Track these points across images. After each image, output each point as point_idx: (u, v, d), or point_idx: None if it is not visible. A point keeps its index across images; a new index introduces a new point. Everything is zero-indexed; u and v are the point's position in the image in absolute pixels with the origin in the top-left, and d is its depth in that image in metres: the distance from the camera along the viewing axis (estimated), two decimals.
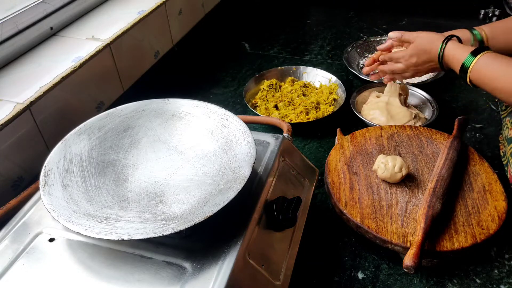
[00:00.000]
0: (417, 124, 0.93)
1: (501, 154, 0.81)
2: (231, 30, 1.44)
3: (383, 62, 0.94)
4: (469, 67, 0.75)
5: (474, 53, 0.75)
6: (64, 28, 0.96)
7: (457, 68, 0.78)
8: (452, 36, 0.82)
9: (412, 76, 0.90)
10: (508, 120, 0.81)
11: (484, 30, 0.85)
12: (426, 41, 0.84)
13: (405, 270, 0.60)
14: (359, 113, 0.97)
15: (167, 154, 0.62)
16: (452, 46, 0.80)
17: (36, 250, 0.52)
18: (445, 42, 0.80)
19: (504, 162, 0.79)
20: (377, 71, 0.97)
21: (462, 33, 0.86)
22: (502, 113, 0.87)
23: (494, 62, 0.73)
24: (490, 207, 0.70)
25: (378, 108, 0.96)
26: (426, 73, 0.89)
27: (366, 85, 1.06)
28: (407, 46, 0.87)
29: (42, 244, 0.52)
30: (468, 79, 0.76)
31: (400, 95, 0.99)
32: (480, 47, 0.78)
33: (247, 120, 0.69)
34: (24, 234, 0.54)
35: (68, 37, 0.93)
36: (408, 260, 0.60)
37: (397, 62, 0.89)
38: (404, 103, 0.99)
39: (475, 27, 0.87)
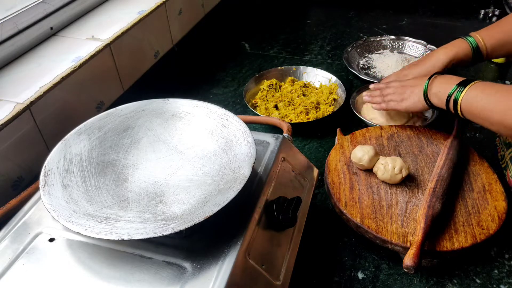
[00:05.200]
0: (417, 124, 0.93)
1: (499, 157, 0.81)
2: (231, 30, 1.44)
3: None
4: (458, 99, 0.72)
5: (463, 84, 0.72)
6: (64, 28, 0.96)
7: (443, 100, 0.76)
8: (437, 73, 0.80)
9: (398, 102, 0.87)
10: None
11: (480, 38, 0.84)
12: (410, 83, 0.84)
13: (405, 270, 0.60)
14: (359, 113, 0.97)
15: (167, 154, 0.62)
16: (437, 79, 0.78)
17: (36, 250, 0.52)
18: (430, 78, 0.79)
19: (503, 166, 0.79)
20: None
21: (460, 43, 0.86)
22: None
23: (483, 93, 0.70)
24: (490, 207, 0.70)
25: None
26: (407, 96, 0.85)
27: (367, 84, 1.06)
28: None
29: (42, 244, 0.52)
30: (460, 112, 0.73)
31: None
32: (467, 79, 0.74)
33: (247, 120, 0.69)
34: (24, 234, 0.54)
35: (68, 37, 0.93)
36: (408, 260, 0.60)
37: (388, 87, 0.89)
38: None
39: (471, 34, 0.86)
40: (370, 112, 0.97)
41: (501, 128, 0.67)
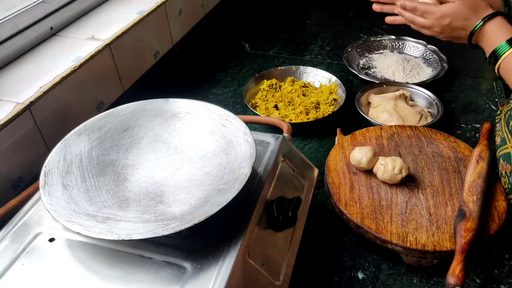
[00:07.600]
0: (427, 121, 0.94)
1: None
2: (231, 30, 1.44)
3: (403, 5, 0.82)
4: (501, 56, 0.69)
5: (511, 42, 0.69)
6: (64, 28, 0.96)
7: (487, 51, 0.72)
8: (499, 13, 0.73)
9: (430, 35, 0.81)
10: (498, 127, 0.81)
11: None
12: (470, 7, 0.74)
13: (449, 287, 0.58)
14: (366, 113, 0.96)
15: (167, 154, 0.62)
16: (493, 25, 0.72)
17: (36, 250, 0.52)
18: (488, 17, 0.72)
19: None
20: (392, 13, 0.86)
21: None
22: (496, 118, 0.87)
23: None
24: (490, 207, 0.70)
25: (385, 111, 0.96)
26: (447, 39, 0.80)
27: (372, 84, 1.05)
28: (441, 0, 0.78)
29: (42, 244, 0.52)
30: (496, 69, 0.71)
31: (405, 97, 1.00)
32: None
33: (247, 120, 0.69)
34: (24, 234, 0.54)
35: (68, 37, 0.93)
36: (452, 278, 0.57)
37: (422, 15, 0.79)
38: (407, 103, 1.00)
39: None
40: (379, 115, 0.96)
41: None
